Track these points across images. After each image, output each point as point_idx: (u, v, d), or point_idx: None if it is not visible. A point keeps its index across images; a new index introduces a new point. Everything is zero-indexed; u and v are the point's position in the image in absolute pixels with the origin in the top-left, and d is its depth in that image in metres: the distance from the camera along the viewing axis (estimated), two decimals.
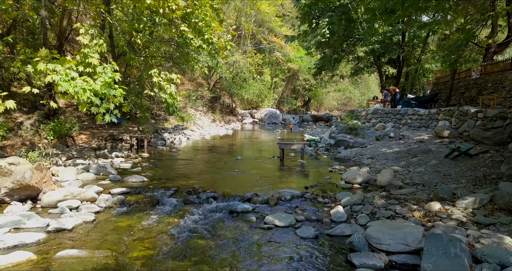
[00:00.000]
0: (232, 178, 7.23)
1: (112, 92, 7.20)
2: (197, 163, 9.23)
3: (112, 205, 5.50)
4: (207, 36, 10.75)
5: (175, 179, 7.17)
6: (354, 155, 10.32)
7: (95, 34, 7.67)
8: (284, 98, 37.80)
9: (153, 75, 9.96)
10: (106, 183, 6.71)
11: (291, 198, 5.69)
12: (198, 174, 7.71)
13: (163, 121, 20.50)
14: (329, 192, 5.98)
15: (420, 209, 5.02)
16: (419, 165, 7.73)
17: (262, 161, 9.71)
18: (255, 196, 5.79)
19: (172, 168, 8.43)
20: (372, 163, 8.95)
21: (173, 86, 10.02)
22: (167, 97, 10.13)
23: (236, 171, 7.92)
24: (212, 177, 7.31)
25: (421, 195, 5.67)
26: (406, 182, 6.44)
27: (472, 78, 15.63)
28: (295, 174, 7.79)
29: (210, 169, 8.29)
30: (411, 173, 7.18)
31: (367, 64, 22.70)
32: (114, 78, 7.50)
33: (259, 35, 28.70)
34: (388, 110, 14.66)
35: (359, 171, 6.82)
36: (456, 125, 10.17)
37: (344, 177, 6.63)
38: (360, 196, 5.43)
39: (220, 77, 28.90)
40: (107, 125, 15.54)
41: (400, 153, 9.29)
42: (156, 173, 7.83)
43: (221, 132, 20.31)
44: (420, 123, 12.78)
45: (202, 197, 5.80)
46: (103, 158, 9.57)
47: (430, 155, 8.45)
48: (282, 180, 7.17)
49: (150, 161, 9.49)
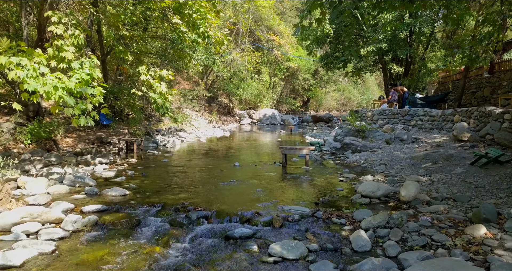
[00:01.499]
0: (229, 190, 6.24)
1: (90, 90, 6.20)
2: (190, 171, 8.23)
3: (82, 227, 4.49)
4: (203, 29, 9.77)
5: (163, 191, 6.17)
6: (364, 160, 9.36)
7: (71, 24, 6.66)
8: (283, 98, 36.85)
9: (141, 73, 9.01)
10: (80, 198, 5.71)
11: (300, 218, 4.71)
12: (189, 184, 6.71)
13: (157, 123, 19.48)
14: (345, 210, 5.01)
15: (461, 234, 4.05)
16: (443, 174, 6.77)
17: (263, 167, 8.73)
18: (256, 216, 4.80)
19: (161, 177, 7.43)
20: (386, 169, 7.99)
21: (163, 85, 9.05)
22: (157, 97, 9.16)
23: (234, 181, 6.93)
24: (205, 189, 6.31)
25: (456, 213, 4.71)
26: (433, 196, 5.48)
27: (484, 76, 14.72)
28: (301, 185, 6.81)
29: (204, 178, 7.30)
30: (436, 184, 6.21)
31: (370, 63, 21.80)
32: (92, 75, 6.52)
33: (258, 32, 27.69)
34: (396, 111, 13.72)
35: (377, 183, 5.85)
36: (476, 128, 9.24)
37: (360, 190, 5.66)
38: (384, 216, 4.45)
39: (217, 77, 27.89)
40: (96, 127, 14.52)
41: (417, 158, 8.34)
42: (142, 183, 6.82)
43: (218, 134, 19.32)
44: (432, 125, 11.84)
45: (192, 216, 4.81)
46: (84, 165, 8.55)
47: (453, 161, 7.50)
48: (287, 192, 6.19)
49: (138, 168, 8.49)
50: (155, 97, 9.00)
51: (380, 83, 51.74)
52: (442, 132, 11.08)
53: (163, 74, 9.21)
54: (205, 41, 10.06)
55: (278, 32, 30.53)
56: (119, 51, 8.61)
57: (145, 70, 8.87)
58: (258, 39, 30.10)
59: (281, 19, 32.54)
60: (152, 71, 9.19)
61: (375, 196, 5.55)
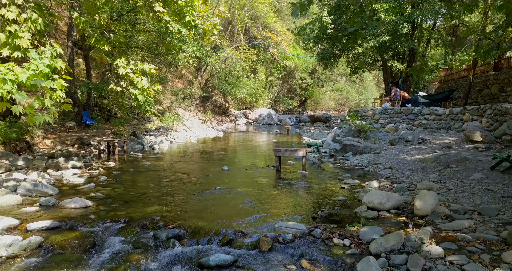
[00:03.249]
0: (211, 201, 5.32)
1: (48, 84, 5.28)
2: (171, 176, 7.31)
3: (20, 252, 3.58)
4: (189, 18, 8.87)
5: (133, 202, 5.25)
6: (367, 163, 8.48)
7: (27, 6, 5.73)
8: (280, 98, 35.96)
9: (119, 66, 8.09)
10: (32, 211, 4.78)
11: (294, 238, 3.81)
12: (167, 193, 5.79)
13: (147, 123, 18.54)
14: (348, 227, 4.11)
15: (498, 262, 3.17)
16: (459, 180, 5.89)
17: (254, 171, 7.83)
18: (239, 235, 3.89)
19: (136, 184, 6.51)
20: (392, 174, 7.10)
21: (145, 79, 8.15)
22: (138, 93, 8.24)
23: (219, 189, 6.01)
24: (184, 199, 5.40)
25: (486, 232, 3.83)
26: (453, 208, 4.59)
27: (492, 73, 13.89)
28: (296, 193, 5.91)
29: (185, 186, 6.38)
30: (454, 192, 5.33)
31: (369, 61, 20.96)
32: (53, 66, 5.60)
33: (253, 30, 26.80)
34: (398, 110, 12.86)
35: (385, 192, 4.96)
36: (490, 127, 8.38)
37: (366, 201, 4.76)
38: (398, 237, 3.56)
39: (212, 75, 26.97)
40: (79, 127, 13.59)
41: (426, 161, 7.46)
42: (111, 192, 5.90)
43: (210, 135, 18.40)
44: (439, 125, 10.98)
45: (161, 235, 3.90)
46: (54, 169, 7.61)
47: (468, 165, 6.62)
48: (280, 203, 5.29)
49: (113, 173, 7.56)
50: (136, 93, 8.10)
51: (379, 83, 51.09)
52: (450, 133, 10.22)
53: (145, 68, 8.31)
54: (192, 31, 9.17)
55: (275, 30, 29.64)
56: (95, 41, 7.68)
57: (124, 63, 7.97)
58: (254, 37, 29.21)
59: (278, 17, 31.67)
60: (132, 64, 8.29)
61: (383, 208, 4.66)
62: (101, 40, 7.69)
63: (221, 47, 23.80)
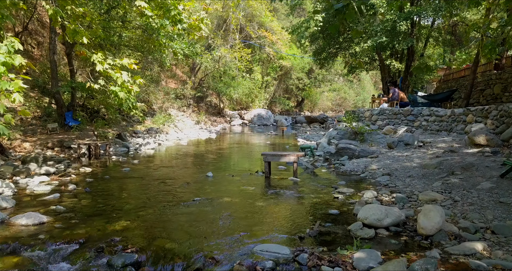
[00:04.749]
0: (186, 216, 4.68)
1: (4, 85, 4.70)
2: (149, 184, 6.66)
3: None
4: (174, 12, 8.26)
5: (97, 217, 4.60)
6: (363, 168, 7.87)
7: None
8: (276, 98, 35.36)
9: (96, 62, 7.46)
10: None
11: (275, 265, 3.18)
12: (138, 206, 5.14)
13: (136, 124, 17.87)
14: (340, 250, 3.48)
15: None
16: (466, 189, 5.28)
17: (241, 178, 7.19)
18: (209, 262, 3.25)
19: (107, 194, 5.86)
20: (391, 182, 6.49)
21: (125, 74, 7.50)
22: (118, 90, 7.61)
23: (198, 200, 5.37)
24: (156, 214, 4.75)
25: (504, 258, 3.22)
26: (462, 226, 3.97)
27: (494, 72, 13.33)
28: (284, 205, 5.28)
29: (162, 196, 5.74)
30: (461, 205, 4.71)
31: (367, 60, 20.39)
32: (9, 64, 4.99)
33: (248, 28, 26.16)
34: (397, 111, 12.27)
35: (384, 207, 4.34)
36: (496, 130, 7.79)
37: (361, 216, 4.14)
38: (399, 266, 2.94)
39: (206, 75, 26.31)
40: (62, 129, 12.90)
41: (428, 167, 6.85)
42: (77, 203, 5.25)
43: (202, 136, 17.76)
44: (440, 126, 10.39)
45: (117, 262, 3.26)
46: (22, 176, 6.95)
47: (474, 172, 6.02)
48: (264, 218, 4.65)
49: (86, 180, 6.90)
50: (116, 90, 7.46)
51: (376, 83, 50.58)
52: (452, 135, 9.62)
53: (124, 63, 7.67)
54: (178, 26, 8.54)
55: (271, 29, 29.01)
56: (71, 32, 7.03)
57: (100, 58, 7.32)
58: (249, 36, 28.57)
59: (274, 16, 31.04)
60: (110, 59, 7.64)
61: (381, 226, 4.03)
62: (80, 32, 7.04)
63: (214, 45, 23.13)
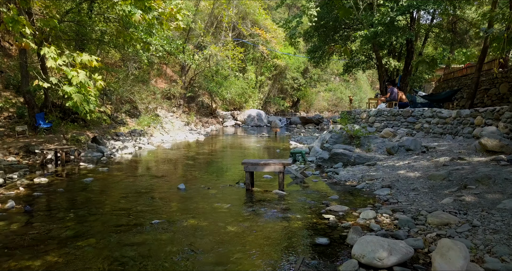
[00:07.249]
0: (134, 248, 3.67)
1: None
2: (106, 201, 5.63)
3: None
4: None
5: (22, 249, 3.58)
6: (359, 178, 6.90)
7: None
8: (271, 98, 34.37)
9: (47, 57, 6.46)
10: None
11: None
12: (80, 233, 4.12)
13: (120, 126, 16.81)
14: None
15: None
16: (485, 210, 4.32)
17: (218, 191, 6.19)
18: None
19: (48, 216, 4.82)
20: (392, 196, 5.52)
21: (82, 73, 6.50)
22: (73, 91, 6.59)
23: (156, 224, 4.36)
24: (98, 246, 3.73)
25: None
26: (491, 268, 2.99)
27: (499, 71, 12.43)
28: (262, 231, 4.28)
29: (115, 218, 4.72)
30: (482, 232, 3.74)
31: (363, 59, 19.49)
32: None
33: (239, 25, 25.16)
34: (396, 112, 11.32)
35: (387, 239, 3.37)
36: (510, 134, 6.85)
37: (357, 253, 3.15)
38: None
39: (196, 74, 25.28)
40: (32, 132, 11.83)
41: (434, 178, 5.89)
42: (4, 228, 4.22)
43: (190, 139, 16.73)
44: (444, 129, 9.45)
45: None
46: None
47: (492, 186, 5.06)
48: (234, 250, 3.65)
49: (34, 194, 5.87)
50: (69, 91, 6.44)
51: (373, 83, 49.81)
52: (458, 139, 8.69)
53: (84, 60, 6.66)
54: (148, 16, 7.54)
55: (265, 27, 28.04)
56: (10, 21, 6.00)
57: (54, 53, 6.30)
58: (242, 35, 27.58)
59: (268, 14, 30.07)
60: (66, 55, 6.62)
61: (384, 266, 3.05)
62: (20, 20, 6.01)
63: (204, 43, 22.12)
